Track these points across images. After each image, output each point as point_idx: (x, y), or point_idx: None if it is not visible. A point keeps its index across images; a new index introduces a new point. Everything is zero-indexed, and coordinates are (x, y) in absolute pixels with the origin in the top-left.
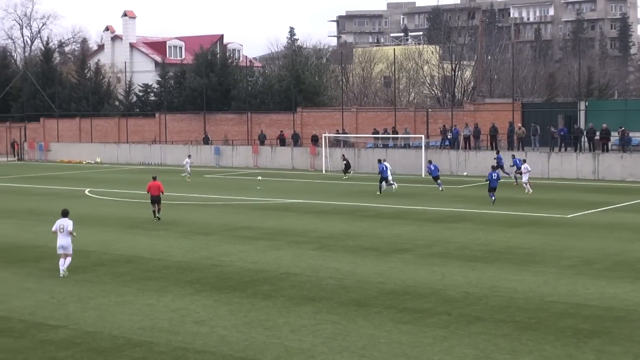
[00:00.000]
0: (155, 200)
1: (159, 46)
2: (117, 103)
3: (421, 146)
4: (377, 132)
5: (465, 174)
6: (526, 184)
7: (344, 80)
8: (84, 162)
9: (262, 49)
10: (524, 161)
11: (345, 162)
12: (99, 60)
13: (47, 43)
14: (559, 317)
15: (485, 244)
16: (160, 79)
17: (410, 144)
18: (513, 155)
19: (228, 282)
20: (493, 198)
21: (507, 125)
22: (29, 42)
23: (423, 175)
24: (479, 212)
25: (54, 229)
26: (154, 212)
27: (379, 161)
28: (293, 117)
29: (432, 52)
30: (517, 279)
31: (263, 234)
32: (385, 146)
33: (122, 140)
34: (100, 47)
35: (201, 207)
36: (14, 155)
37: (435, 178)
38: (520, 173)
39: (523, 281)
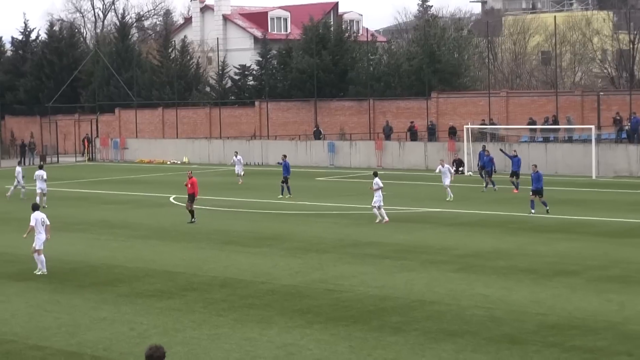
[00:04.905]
0: (192, 198)
1: (258, 18)
2: (208, 89)
3: (590, 139)
4: (534, 122)
5: None
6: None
7: (491, 57)
8: (168, 163)
9: (387, 20)
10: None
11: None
12: (185, 36)
13: (123, 17)
14: None
15: None
16: (260, 59)
17: (577, 137)
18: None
19: (347, 312)
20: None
21: None
22: (101, 15)
23: (594, 177)
24: None
25: (32, 222)
26: (192, 212)
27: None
28: (426, 104)
29: (604, 19)
30: None
31: (390, 252)
32: (546, 140)
33: (214, 135)
34: (187, 21)
35: (312, 218)
36: (84, 154)
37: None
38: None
39: None
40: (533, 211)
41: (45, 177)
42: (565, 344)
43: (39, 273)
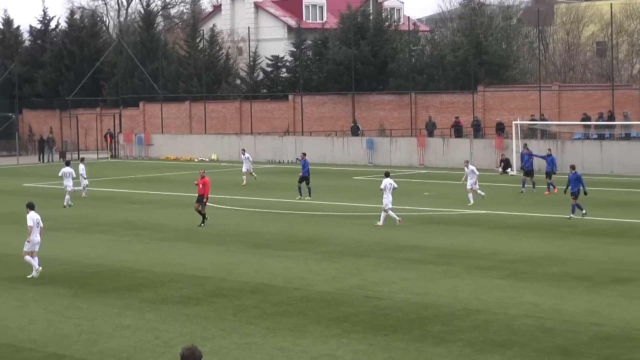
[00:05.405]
0: (201, 199)
1: (292, 6)
2: (238, 82)
3: None
4: (588, 118)
5: None
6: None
7: (542, 48)
8: (196, 160)
9: (430, 8)
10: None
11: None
12: (214, 25)
13: (148, 4)
14: None
15: None
16: (294, 50)
17: (635, 134)
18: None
19: (387, 321)
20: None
21: None
22: (125, 3)
23: None
24: None
25: (30, 223)
26: (202, 214)
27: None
28: (472, 98)
29: None
30: None
31: (433, 256)
32: (601, 137)
33: (245, 131)
34: (216, 9)
35: (349, 220)
36: (108, 151)
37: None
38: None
39: None
40: (584, 211)
41: (73, 174)
42: (621, 356)
43: (37, 275)
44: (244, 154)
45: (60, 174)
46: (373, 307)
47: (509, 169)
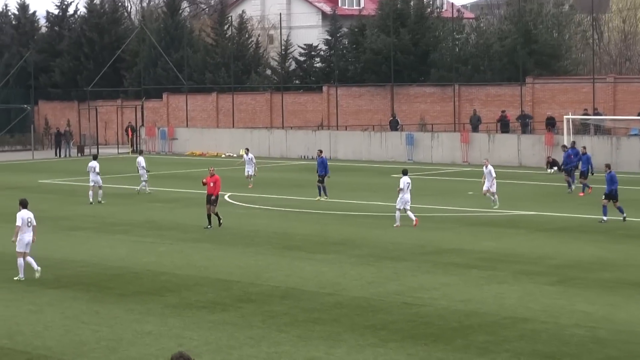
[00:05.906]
0: (210, 200)
1: None
2: (268, 72)
3: None
4: None
5: None
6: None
7: (596, 37)
8: (223, 156)
9: None
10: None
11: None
12: (243, 12)
13: None
14: None
15: None
16: (329, 38)
17: None
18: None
19: (427, 329)
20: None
21: None
22: None
23: None
24: None
25: (19, 223)
26: (209, 216)
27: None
28: (520, 90)
29: None
30: None
31: (477, 260)
32: None
33: (275, 125)
34: None
35: (387, 220)
36: (129, 145)
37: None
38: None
39: None
40: (605, 218)
41: (98, 169)
42: None
43: (16, 278)
44: (247, 154)
45: (87, 169)
46: (412, 314)
47: (555, 168)
